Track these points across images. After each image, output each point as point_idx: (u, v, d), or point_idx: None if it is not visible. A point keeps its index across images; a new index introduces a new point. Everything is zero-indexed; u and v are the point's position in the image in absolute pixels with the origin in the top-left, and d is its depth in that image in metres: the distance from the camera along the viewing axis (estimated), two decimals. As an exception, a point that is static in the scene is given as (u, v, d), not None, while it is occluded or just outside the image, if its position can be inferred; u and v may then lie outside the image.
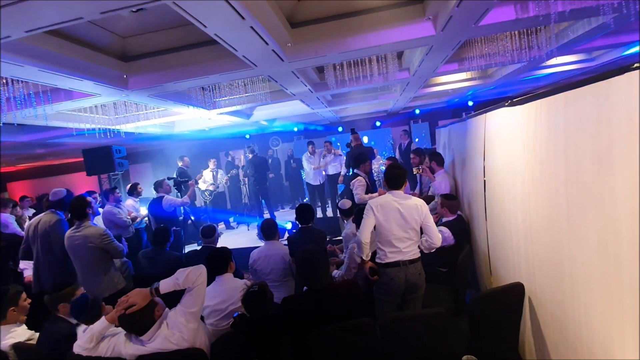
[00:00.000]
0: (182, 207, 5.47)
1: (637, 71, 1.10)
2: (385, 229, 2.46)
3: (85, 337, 1.78)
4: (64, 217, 3.33)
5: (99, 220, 4.68)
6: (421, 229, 2.53)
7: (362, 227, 2.49)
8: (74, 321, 2.24)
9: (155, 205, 4.97)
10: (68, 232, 3.06)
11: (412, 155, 4.94)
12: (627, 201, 1.17)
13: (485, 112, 2.82)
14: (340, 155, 7.00)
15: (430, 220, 2.52)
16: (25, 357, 2.13)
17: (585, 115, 1.38)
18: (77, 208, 3.03)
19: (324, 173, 7.18)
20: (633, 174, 1.13)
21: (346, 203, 3.73)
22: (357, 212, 3.11)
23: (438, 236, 2.52)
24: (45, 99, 3.71)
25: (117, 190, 4.95)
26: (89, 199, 3.19)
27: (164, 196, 4.94)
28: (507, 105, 2.25)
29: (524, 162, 2.00)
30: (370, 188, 4.36)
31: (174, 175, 6.31)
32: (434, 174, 4.28)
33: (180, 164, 6.75)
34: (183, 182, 5.72)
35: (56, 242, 3.15)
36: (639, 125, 1.10)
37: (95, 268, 3.03)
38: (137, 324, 1.79)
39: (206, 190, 7.36)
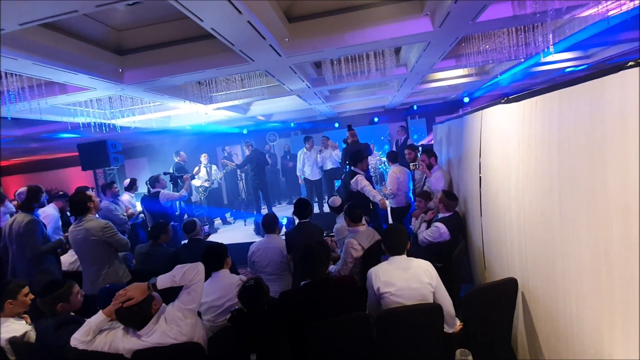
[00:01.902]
0: (178, 203, 5.46)
1: (632, 69, 1.12)
2: (393, 303, 2.08)
3: (82, 330, 1.78)
4: (38, 216, 3.28)
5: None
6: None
7: (368, 305, 2.27)
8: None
9: (150, 201, 4.94)
10: (70, 228, 3.05)
11: (407, 151, 4.95)
12: (618, 197, 1.19)
13: (482, 109, 2.84)
14: (336, 148, 7.02)
15: (441, 285, 2.16)
16: (22, 352, 2.13)
17: (579, 112, 1.40)
18: (76, 203, 2.99)
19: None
20: (624, 170, 1.15)
21: (336, 200, 3.79)
22: (349, 208, 3.12)
23: (450, 302, 2.19)
24: (39, 92, 3.67)
25: (115, 186, 4.92)
26: (90, 193, 3.15)
27: (160, 191, 4.92)
28: (503, 102, 2.26)
29: (519, 159, 2.02)
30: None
31: (171, 171, 6.28)
32: (431, 170, 4.31)
33: (177, 159, 6.72)
34: (179, 177, 5.71)
35: (27, 243, 3.07)
36: (635, 123, 1.11)
37: (99, 262, 3.01)
38: (134, 317, 1.79)
39: (200, 186, 7.32)
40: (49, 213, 4.38)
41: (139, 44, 3.77)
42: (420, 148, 6.24)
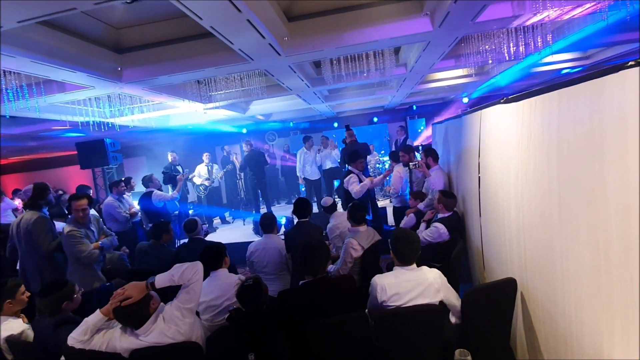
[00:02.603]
0: (178, 203, 5.46)
1: (631, 69, 1.11)
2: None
3: (79, 330, 1.77)
4: (47, 214, 3.27)
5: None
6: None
7: (368, 309, 2.22)
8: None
9: (145, 201, 4.95)
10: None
11: (401, 153, 4.78)
12: (618, 198, 1.19)
13: (481, 109, 2.84)
14: (336, 147, 7.03)
15: (450, 291, 2.14)
16: (20, 351, 2.12)
17: (578, 112, 1.39)
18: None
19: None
20: (624, 170, 1.15)
21: (328, 200, 3.79)
22: (351, 208, 3.11)
23: (458, 304, 2.15)
24: (37, 90, 3.66)
25: (122, 184, 4.92)
26: (80, 203, 3.14)
27: (153, 191, 4.92)
28: (503, 103, 2.26)
29: (518, 159, 2.02)
30: None
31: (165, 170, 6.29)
32: (429, 170, 4.29)
33: (170, 159, 6.75)
34: (175, 176, 5.72)
35: (38, 240, 3.06)
36: (635, 123, 1.11)
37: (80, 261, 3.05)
38: (132, 316, 1.79)
39: (201, 184, 7.33)
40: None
41: (137, 42, 3.76)
42: (420, 147, 6.21)
